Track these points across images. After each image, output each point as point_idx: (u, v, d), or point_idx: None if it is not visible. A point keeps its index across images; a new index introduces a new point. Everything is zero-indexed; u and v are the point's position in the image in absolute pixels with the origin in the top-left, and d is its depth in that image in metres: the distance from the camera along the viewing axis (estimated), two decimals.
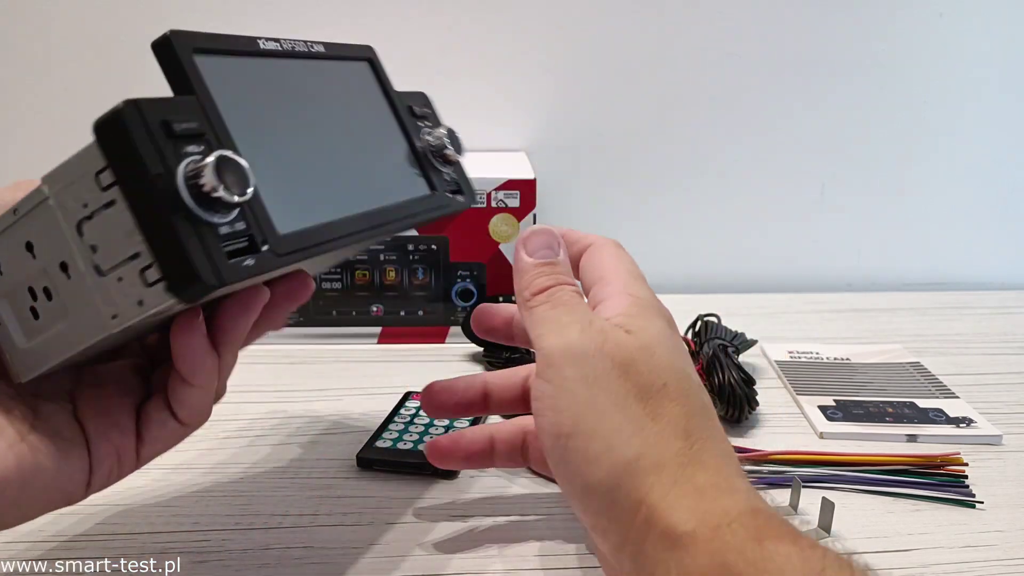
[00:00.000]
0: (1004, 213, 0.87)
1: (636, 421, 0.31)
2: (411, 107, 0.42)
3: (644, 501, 0.29)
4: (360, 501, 0.44)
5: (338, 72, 0.39)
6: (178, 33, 0.31)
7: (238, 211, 0.28)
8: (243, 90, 0.32)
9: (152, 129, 0.26)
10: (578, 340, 0.32)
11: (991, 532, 0.42)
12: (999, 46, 0.81)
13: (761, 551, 0.27)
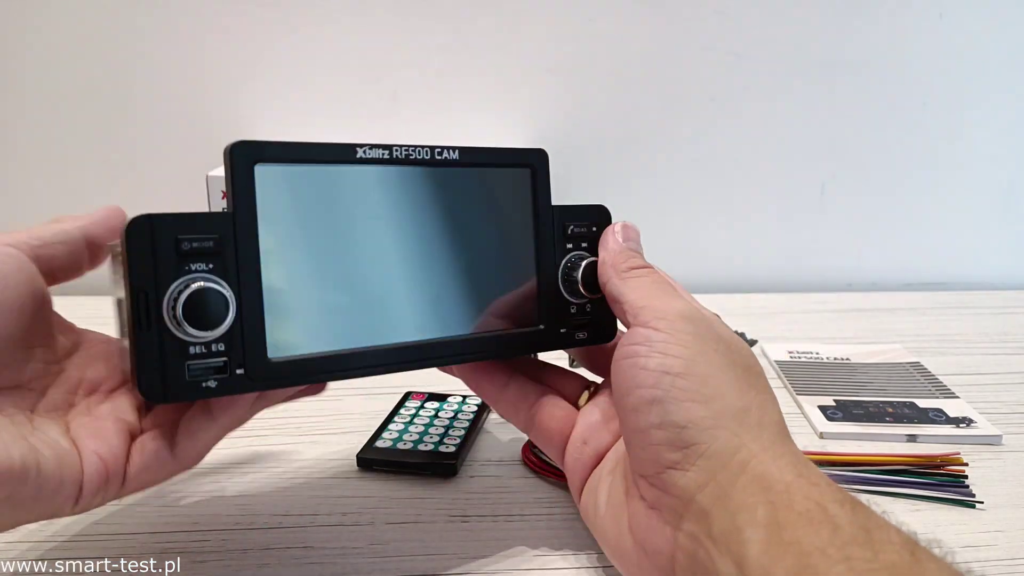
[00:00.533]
0: (1004, 213, 0.88)
1: (744, 384, 0.32)
2: (567, 226, 0.39)
3: (745, 446, 0.30)
4: (360, 501, 0.44)
5: (474, 181, 0.37)
6: (239, 144, 0.30)
7: (224, 329, 0.29)
8: (304, 201, 0.32)
9: (157, 247, 0.28)
10: (689, 307, 0.35)
11: (991, 532, 0.42)
12: (999, 46, 0.81)
13: (860, 508, 0.27)
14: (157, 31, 0.77)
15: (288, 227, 0.31)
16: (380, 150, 0.34)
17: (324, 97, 0.79)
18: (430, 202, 0.35)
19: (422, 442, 0.48)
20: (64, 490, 0.31)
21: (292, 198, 0.31)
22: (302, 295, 0.32)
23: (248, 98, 0.79)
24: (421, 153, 0.35)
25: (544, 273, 0.38)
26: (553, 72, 0.80)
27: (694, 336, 0.33)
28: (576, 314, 0.39)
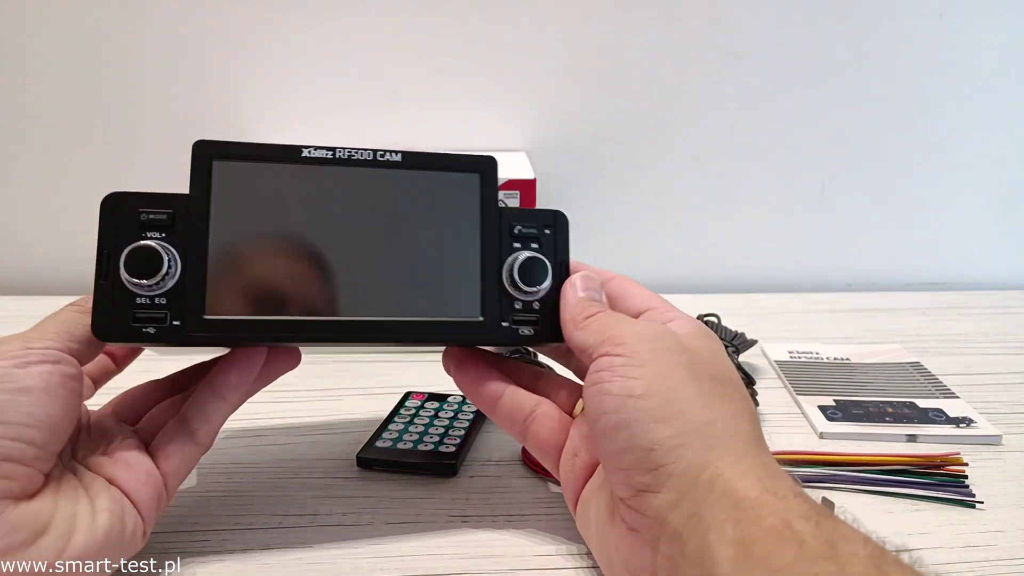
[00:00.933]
0: (1004, 213, 0.88)
1: (709, 395, 0.33)
2: (514, 226, 0.40)
3: (712, 462, 0.30)
4: (360, 501, 0.44)
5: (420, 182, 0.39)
6: (201, 142, 0.36)
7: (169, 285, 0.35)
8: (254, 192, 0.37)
9: (121, 215, 0.35)
10: (648, 327, 0.35)
11: (991, 532, 0.42)
12: (999, 46, 0.81)
13: (826, 522, 0.27)
14: (157, 30, 0.77)
15: (237, 212, 0.36)
16: (324, 151, 0.38)
17: (324, 96, 0.79)
18: (373, 199, 0.38)
19: (422, 442, 0.48)
20: (135, 532, 0.35)
21: (244, 189, 0.37)
22: (243, 268, 0.36)
23: (248, 97, 0.79)
24: (364, 155, 0.38)
25: (488, 270, 0.39)
26: (553, 71, 0.80)
27: (654, 354, 0.33)
28: (522, 310, 0.39)
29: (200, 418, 0.37)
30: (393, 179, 0.39)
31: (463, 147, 0.81)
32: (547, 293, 0.39)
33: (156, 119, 0.79)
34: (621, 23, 0.78)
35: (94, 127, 0.79)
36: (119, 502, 0.34)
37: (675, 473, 0.30)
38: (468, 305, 0.39)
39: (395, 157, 0.39)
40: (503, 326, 0.39)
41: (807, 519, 0.27)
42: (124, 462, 0.36)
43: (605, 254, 0.86)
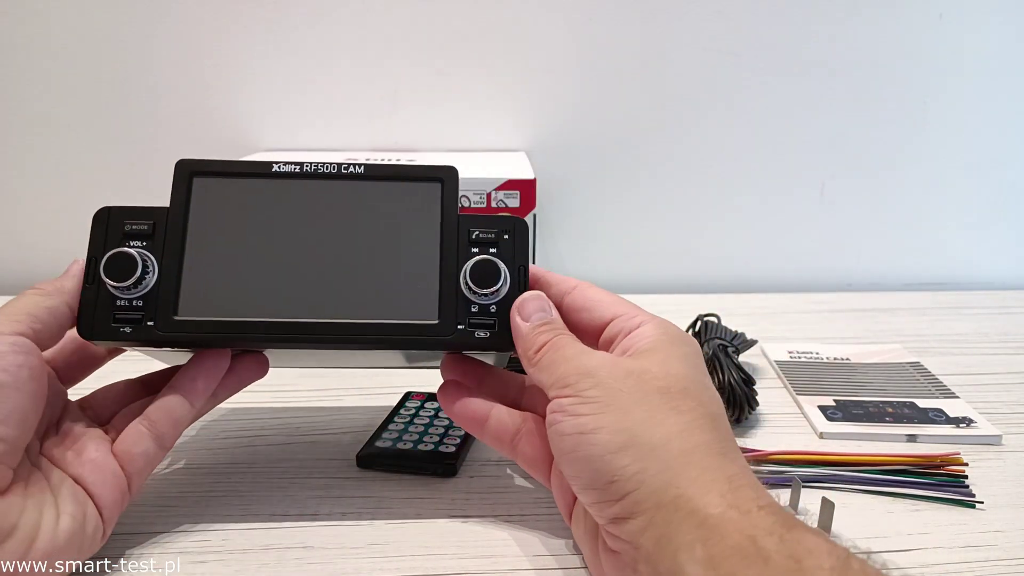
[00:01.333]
0: (1004, 213, 0.88)
1: (660, 412, 0.32)
2: (472, 232, 0.41)
3: (672, 483, 0.30)
4: (360, 501, 0.44)
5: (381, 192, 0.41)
6: (183, 161, 0.40)
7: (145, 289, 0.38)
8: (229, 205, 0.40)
9: (109, 226, 0.39)
10: (588, 361, 0.35)
11: (991, 532, 0.42)
12: (999, 46, 0.81)
13: (791, 535, 0.27)
14: (159, 31, 0.77)
15: (213, 222, 0.39)
16: (293, 165, 0.41)
17: (325, 97, 0.79)
18: (337, 208, 0.40)
19: (422, 442, 0.48)
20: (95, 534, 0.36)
21: (219, 201, 0.40)
22: (216, 275, 0.39)
23: (249, 98, 0.79)
24: (328, 168, 0.41)
25: (446, 274, 0.40)
26: (553, 71, 0.80)
27: (598, 387, 0.34)
28: (478, 313, 0.40)
29: (166, 422, 0.38)
30: (356, 190, 0.41)
31: (463, 147, 0.81)
32: (504, 297, 0.40)
33: (157, 119, 0.79)
34: (621, 23, 0.78)
35: (96, 128, 0.79)
36: (83, 504, 0.35)
37: (640, 499, 0.31)
38: (426, 308, 0.40)
39: (358, 169, 0.41)
40: (459, 328, 0.39)
41: (771, 534, 0.27)
42: (92, 462, 0.37)
43: (605, 254, 0.86)
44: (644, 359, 0.35)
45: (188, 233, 0.39)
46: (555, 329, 0.37)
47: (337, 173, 0.41)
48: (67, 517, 0.34)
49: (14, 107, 0.79)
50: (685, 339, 0.37)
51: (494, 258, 0.40)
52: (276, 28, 0.77)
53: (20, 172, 0.81)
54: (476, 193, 0.65)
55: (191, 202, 0.39)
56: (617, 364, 0.35)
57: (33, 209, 0.81)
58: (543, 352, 0.36)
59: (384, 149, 0.81)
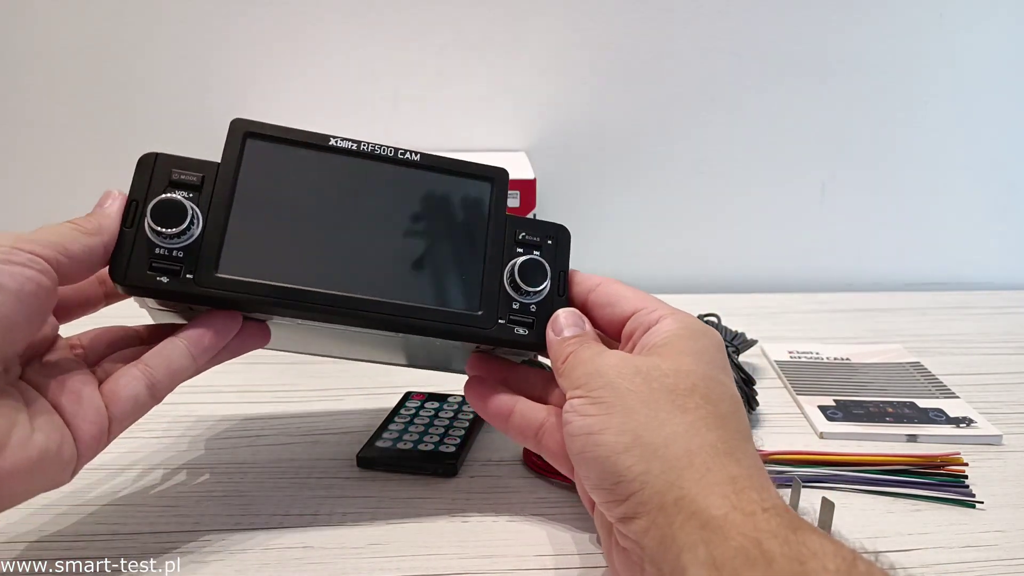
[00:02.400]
0: (1004, 213, 0.88)
1: (665, 412, 0.32)
2: (519, 233, 0.42)
3: (675, 483, 0.30)
4: (360, 501, 0.44)
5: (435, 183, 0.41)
6: (238, 120, 0.40)
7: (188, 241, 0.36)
8: (281, 171, 0.39)
9: (155, 172, 0.37)
10: (601, 362, 0.35)
11: (991, 532, 0.42)
12: (999, 46, 0.81)
13: (795, 536, 0.27)
14: (159, 31, 0.77)
15: (263, 186, 0.38)
16: (350, 142, 0.40)
17: (326, 97, 0.79)
18: (390, 191, 0.40)
19: (422, 442, 0.48)
20: (67, 464, 0.33)
21: (271, 166, 0.39)
22: (262, 238, 0.38)
23: (250, 99, 0.79)
24: (385, 151, 0.41)
25: (490, 269, 0.41)
26: (553, 72, 0.80)
27: (607, 387, 0.34)
28: (519, 311, 0.41)
29: (163, 370, 0.36)
30: (409, 177, 0.41)
31: (464, 147, 0.81)
32: (544, 298, 0.41)
33: (157, 119, 0.79)
34: (621, 23, 0.78)
35: (96, 128, 0.79)
36: (59, 429, 0.33)
37: (644, 500, 0.31)
38: (469, 299, 0.40)
39: (414, 156, 0.41)
40: (500, 322, 0.40)
41: (775, 536, 0.27)
42: (73, 393, 0.35)
43: (605, 254, 0.86)
44: (657, 355, 0.35)
45: (237, 192, 0.38)
46: (582, 340, 0.38)
47: (393, 157, 0.41)
48: (41, 435, 0.32)
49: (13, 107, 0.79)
50: (704, 333, 0.37)
51: (542, 261, 0.41)
52: (276, 28, 0.77)
53: (18, 172, 0.81)
54: None
55: (242, 162, 0.38)
56: (627, 362, 0.35)
57: (32, 209, 0.81)
58: (567, 362, 0.37)
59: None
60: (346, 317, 0.38)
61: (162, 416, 0.52)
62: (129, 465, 0.47)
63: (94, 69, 0.78)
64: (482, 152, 0.80)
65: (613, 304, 0.40)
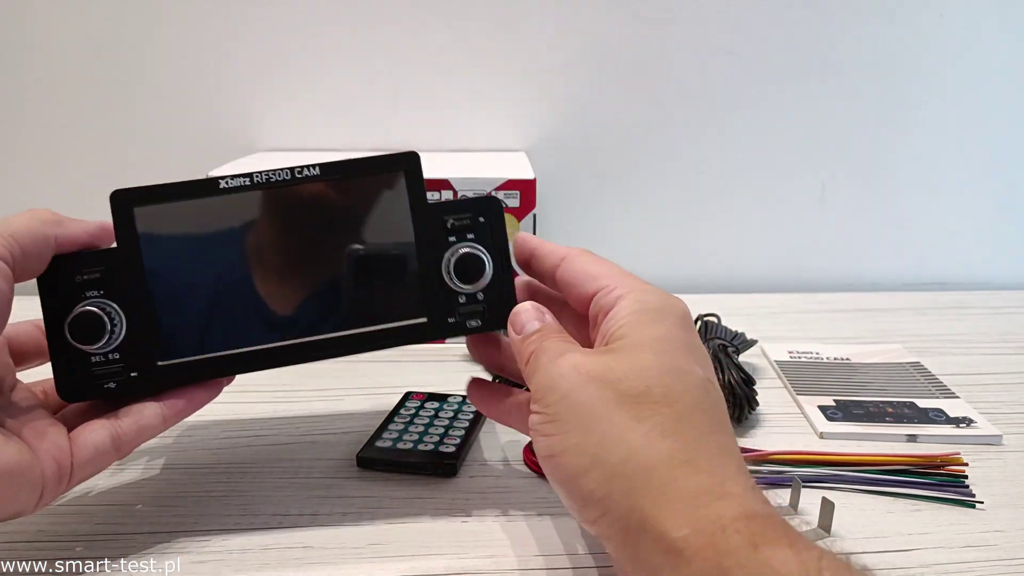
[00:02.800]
0: (1004, 213, 0.88)
1: (620, 426, 0.31)
2: (446, 220, 0.39)
3: (637, 506, 0.29)
4: (360, 501, 0.44)
5: (343, 191, 0.39)
6: (117, 192, 0.37)
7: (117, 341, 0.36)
8: (181, 232, 0.37)
9: (59, 279, 0.36)
10: (553, 370, 0.34)
11: (991, 532, 0.42)
12: (999, 46, 0.81)
13: (757, 556, 0.26)
14: (160, 34, 0.77)
15: (168, 254, 0.37)
16: (241, 178, 0.38)
17: (325, 97, 0.79)
18: (300, 216, 0.38)
19: (422, 442, 0.48)
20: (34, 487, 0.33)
21: (169, 230, 0.37)
22: (188, 311, 0.37)
23: (250, 100, 0.79)
24: (281, 175, 0.38)
25: (426, 267, 0.39)
26: (552, 72, 0.80)
27: (562, 401, 0.33)
28: (467, 303, 0.39)
29: (132, 425, 0.37)
30: (316, 194, 0.38)
31: (463, 147, 0.81)
32: (490, 282, 0.39)
33: (157, 120, 0.79)
34: (621, 23, 0.78)
35: (95, 129, 0.79)
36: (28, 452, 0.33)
37: (610, 522, 0.30)
38: (414, 309, 0.39)
39: (313, 171, 0.38)
40: (449, 322, 0.39)
41: (734, 556, 0.27)
42: (37, 428, 0.35)
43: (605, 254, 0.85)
44: (612, 352, 0.34)
45: (147, 272, 0.37)
46: (543, 335, 0.36)
47: (291, 180, 0.38)
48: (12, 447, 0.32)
49: (12, 108, 0.79)
50: (663, 310, 0.35)
51: (476, 250, 0.39)
52: (277, 28, 0.77)
53: (17, 173, 0.81)
54: (476, 193, 0.65)
55: (139, 237, 0.37)
56: (580, 370, 0.33)
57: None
58: (530, 362, 0.36)
59: (384, 149, 0.81)
60: (301, 361, 0.38)
61: None
62: (129, 465, 0.47)
63: (92, 69, 0.78)
64: (482, 152, 0.80)
65: (577, 284, 0.38)
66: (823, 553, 0.27)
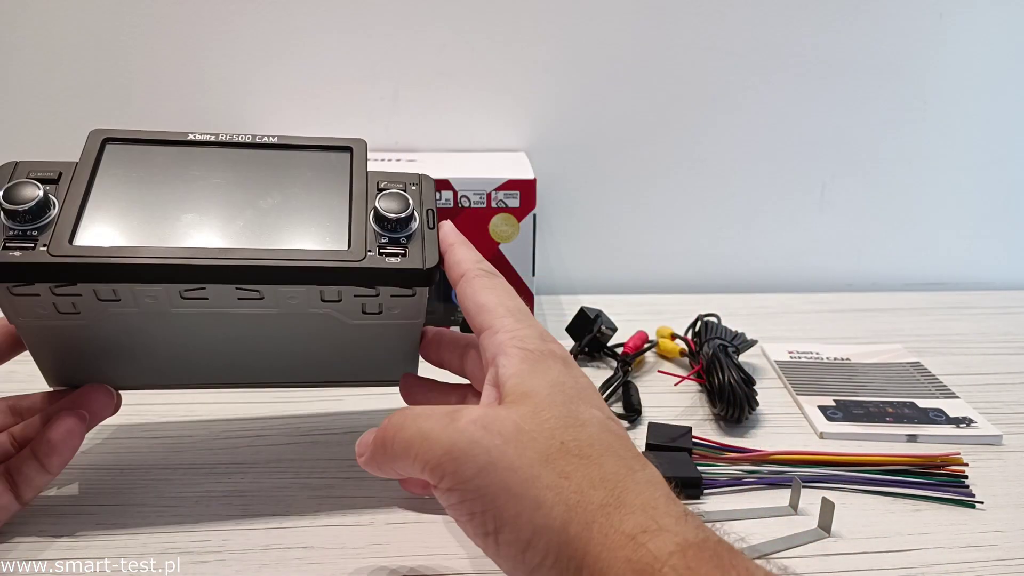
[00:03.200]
0: (1004, 213, 0.88)
1: (551, 487, 0.30)
2: (380, 183, 0.42)
3: (584, 565, 0.28)
4: (360, 501, 0.44)
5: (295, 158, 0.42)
6: (96, 131, 0.41)
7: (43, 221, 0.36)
8: (140, 164, 0.40)
9: (14, 174, 0.38)
10: (455, 439, 0.31)
11: (991, 532, 0.42)
12: (999, 46, 0.81)
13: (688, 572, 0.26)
14: (157, 34, 0.77)
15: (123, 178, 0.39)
16: (208, 135, 0.42)
17: (325, 98, 0.79)
18: (250, 172, 0.41)
19: None
20: None
21: (130, 162, 0.40)
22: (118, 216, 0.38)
23: (250, 99, 0.79)
24: (243, 137, 0.42)
25: (356, 212, 0.40)
26: (552, 72, 0.80)
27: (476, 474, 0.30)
28: (389, 244, 0.40)
29: (25, 486, 0.39)
30: (271, 155, 0.42)
31: (463, 147, 0.81)
32: (414, 231, 0.40)
33: (157, 120, 0.79)
34: (621, 23, 0.78)
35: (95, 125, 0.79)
36: None
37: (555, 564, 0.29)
38: (335, 239, 0.39)
39: (272, 139, 0.43)
40: (368, 254, 0.39)
41: None
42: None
43: (605, 254, 0.86)
44: (513, 409, 0.32)
45: (95, 182, 0.38)
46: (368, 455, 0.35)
47: (252, 143, 0.42)
48: None
49: (9, 107, 0.79)
50: (545, 355, 0.34)
51: (403, 192, 0.41)
52: (276, 28, 0.77)
53: None
54: (476, 193, 0.65)
55: (101, 159, 0.39)
56: (489, 430, 0.31)
57: None
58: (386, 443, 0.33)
59: (384, 149, 0.81)
60: (210, 272, 0.37)
61: (162, 416, 0.52)
62: (129, 465, 0.47)
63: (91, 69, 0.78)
64: (482, 152, 0.80)
65: (467, 310, 0.38)
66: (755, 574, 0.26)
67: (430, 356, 0.45)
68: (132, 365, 0.44)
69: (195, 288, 0.38)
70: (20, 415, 0.43)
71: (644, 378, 0.62)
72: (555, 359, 0.35)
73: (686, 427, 0.49)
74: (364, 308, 0.42)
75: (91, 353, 0.42)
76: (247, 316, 0.41)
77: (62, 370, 0.43)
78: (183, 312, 0.40)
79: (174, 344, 0.43)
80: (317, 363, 0.46)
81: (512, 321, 0.36)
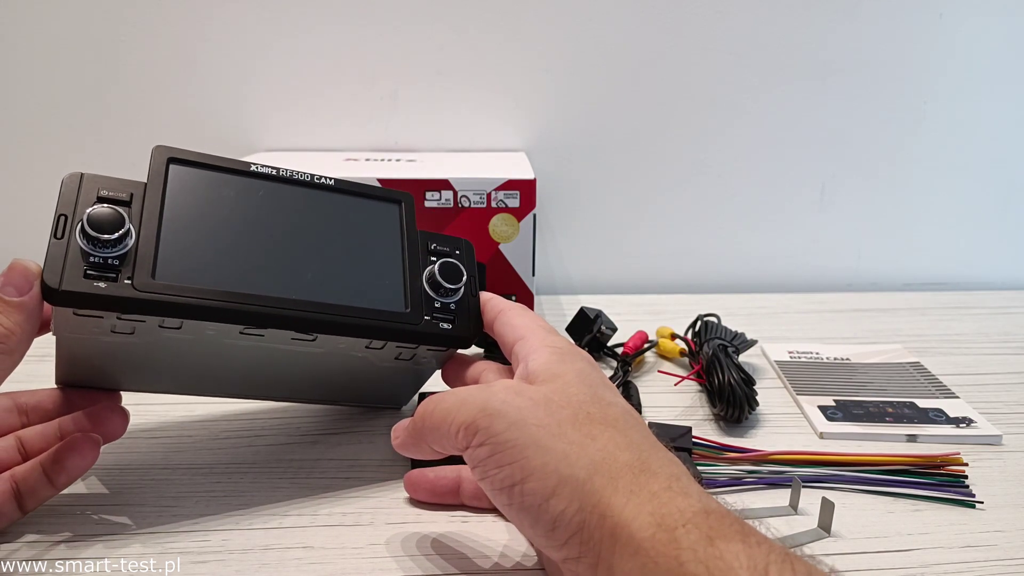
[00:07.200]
0: (1004, 213, 0.88)
1: (578, 444, 0.32)
2: (430, 244, 0.46)
3: (607, 514, 0.30)
4: (360, 501, 0.44)
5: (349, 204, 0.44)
6: (161, 147, 0.40)
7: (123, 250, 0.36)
8: (205, 192, 0.40)
9: (81, 189, 0.37)
10: (489, 396, 0.34)
11: (991, 532, 0.42)
12: (999, 46, 0.81)
13: (712, 550, 0.27)
14: (157, 34, 0.77)
15: (190, 206, 0.39)
16: (270, 168, 0.42)
17: (325, 98, 0.79)
18: (308, 211, 0.43)
19: None
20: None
21: (196, 188, 0.40)
22: (193, 249, 0.38)
23: (249, 100, 0.79)
24: (301, 176, 0.43)
25: (411, 274, 0.44)
26: (552, 72, 0.80)
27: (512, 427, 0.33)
28: (440, 309, 0.44)
29: (30, 497, 0.39)
30: (326, 199, 0.44)
31: (463, 147, 0.81)
32: (461, 297, 0.45)
33: (157, 120, 0.79)
34: (621, 24, 0.78)
35: (95, 129, 0.79)
36: None
37: (584, 539, 0.30)
38: (395, 300, 0.43)
39: (328, 181, 0.44)
40: (425, 319, 0.43)
41: (692, 550, 0.27)
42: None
43: (605, 254, 0.86)
44: (543, 386, 0.35)
45: (166, 208, 0.38)
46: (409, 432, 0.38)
47: (310, 182, 0.43)
48: None
49: (10, 108, 0.79)
50: (574, 354, 0.38)
51: (455, 262, 0.45)
52: (276, 28, 0.77)
53: (16, 174, 0.81)
54: (476, 193, 0.65)
55: (168, 182, 0.39)
56: (521, 394, 0.34)
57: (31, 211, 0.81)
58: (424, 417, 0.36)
59: (384, 149, 0.81)
60: (282, 321, 0.39)
61: (162, 416, 0.52)
62: (129, 465, 0.47)
63: (91, 69, 0.78)
64: (482, 152, 0.80)
65: (504, 335, 0.42)
66: (772, 547, 0.28)
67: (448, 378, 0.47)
68: (155, 376, 0.44)
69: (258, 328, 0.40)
70: (26, 414, 0.43)
71: (644, 378, 0.62)
72: (581, 357, 0.39)
73: (686, 427, 0.49)
74: (399, 356, 0.45)
75: (121, 363, 0.42)
76: (289, 351, 0.42)
77: (78, 373, 0.43)
78: (234, 343, 0.40)
79: (207, 364, 0.44)
80: (334, 389, 0.50)
81: (543, 333, 0.40)
